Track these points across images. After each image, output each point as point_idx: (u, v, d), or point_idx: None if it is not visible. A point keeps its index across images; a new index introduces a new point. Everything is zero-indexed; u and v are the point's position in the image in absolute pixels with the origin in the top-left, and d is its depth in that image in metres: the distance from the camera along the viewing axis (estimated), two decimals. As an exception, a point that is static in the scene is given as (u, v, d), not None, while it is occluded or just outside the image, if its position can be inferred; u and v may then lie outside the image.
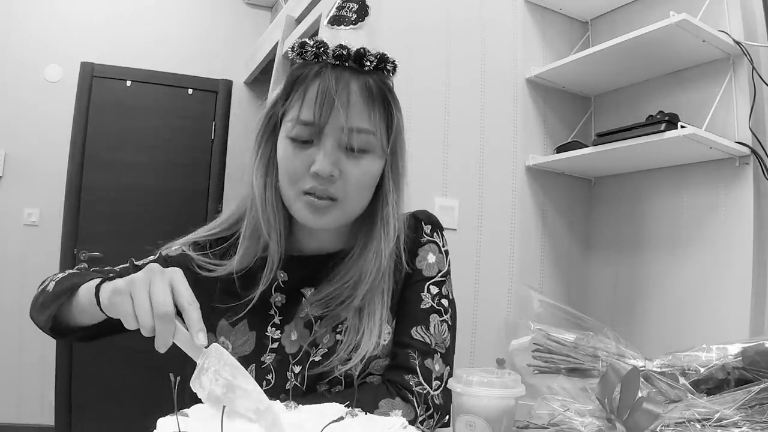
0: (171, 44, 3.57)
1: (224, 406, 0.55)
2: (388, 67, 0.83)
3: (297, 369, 0.83)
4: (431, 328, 0.87)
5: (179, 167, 3.49)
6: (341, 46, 0.79)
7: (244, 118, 3.64)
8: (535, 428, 0.75)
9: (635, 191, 2.26)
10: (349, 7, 0.83)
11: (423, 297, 0.88)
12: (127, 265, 0.90)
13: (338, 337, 0.84)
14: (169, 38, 3.58)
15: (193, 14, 3.67)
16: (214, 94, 3.60)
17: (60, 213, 3.25)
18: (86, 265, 0.92)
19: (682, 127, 1.77)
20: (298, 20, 2.68)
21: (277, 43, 2.83)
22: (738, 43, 1.88)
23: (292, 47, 0.83)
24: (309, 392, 0.83)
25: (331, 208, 0.81)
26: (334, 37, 0.81)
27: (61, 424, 3.10)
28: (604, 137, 2.01)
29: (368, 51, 0.81)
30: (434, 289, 0.90)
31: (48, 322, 0.79)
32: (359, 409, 0.61)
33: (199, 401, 0.59)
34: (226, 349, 0.81)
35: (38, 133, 3.29)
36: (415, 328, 0.86)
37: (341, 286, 0.84)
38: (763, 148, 1.85)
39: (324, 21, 0.85)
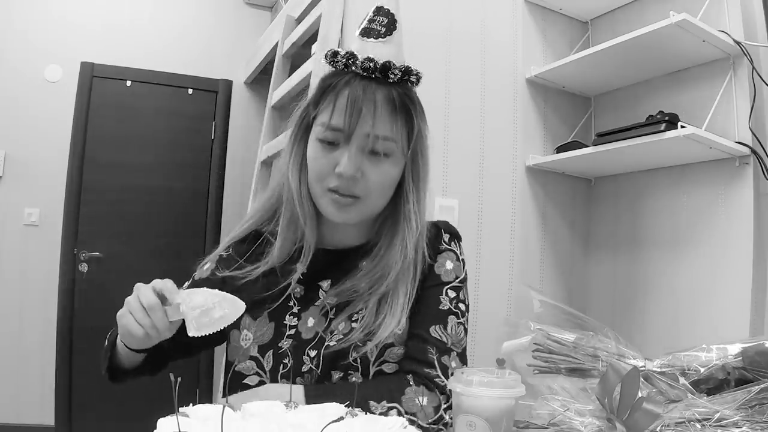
0: (171, 44, 3.57)
1: (224, 406, 0.55)
2: (411, 79, 0.92)
3: (313, 353, 0.88)
4: (448, 329, 0.91)
5: (179, 167, 3.49)
6: (369, 59, 0.87)
7: (244, 118, 3.64)
8: (535, 428, 0.75)
9: (635, 191, 2.26)
10: (379, 20, 0.90)
11: (441, 299, 0.93)
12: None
13: (354, 325, 0.88)
14: (169, 38, 3.58)
15: (193, 14, 3.67)
16: (214, 94, 3.60)
17: (60, 213, 3.25)
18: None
19: (682, 127, 1.77)
20: (298, 20, 2.68)
21: (277, 43, 2.83)
22: (738, 43, 1.88)
23: (326, 55, 0.92)
24: (324, 376, 0.87)
25: (354, 205, 0.89)
26: (363, 47, 0.89)
27: (61, 424, 3.10)
28: (604, 137, 2.01)
29: (394, 64, 0.88)
30: (452, 293, 0.94)
31: (104, 373, 0.95)
32: (359, 409, 0.61)
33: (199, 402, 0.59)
34: (247, 341, 0.92)
35: (38, 133, 3.29)
36: (433, 326, 0.90)
37: (365, 279, 0.91)
38: (763, 148, 1.85)
39: (356, 32, 0.92)
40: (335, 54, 0.90)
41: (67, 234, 3.24)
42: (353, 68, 0.88)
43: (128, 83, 3.41)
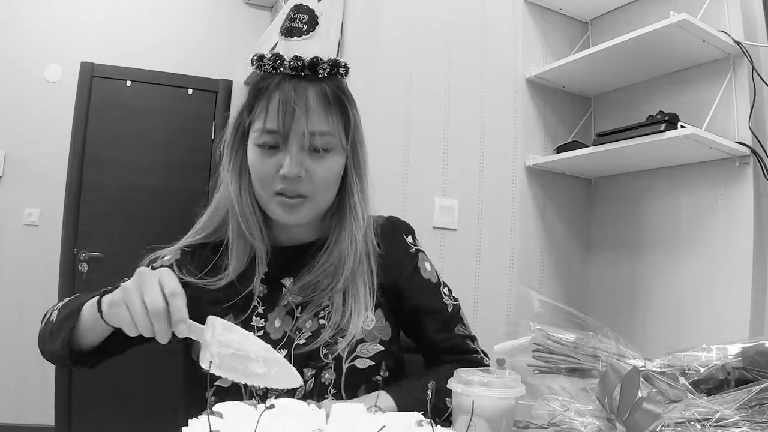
0: (171, 44, 3.57)
1: (256, 405, 0.54)
2: (341, 71, 0.91)
3: (283, 353, 0.87)
4: (465, 322, 1.02)
5: (179, 167, 3.49)
6: (296, 58, 0.87)
7: (244, 118, 3.64)
8: (535, 428, 0.75)
9: (635, 191, 2.26)
10: (300, 18, 0.90)
11: (446, 302, 1.01)
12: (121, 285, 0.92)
13: (321, 322, 0.90)
14: (169, 38, 3.58)
15: (193, 14, 3.67)
16: (214, 94, 3.60)
17: (60, 213, 3.25)
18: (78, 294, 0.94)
19: (682, 127, 1.77)
20: (298, 20, 2.68)
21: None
22: (738, 43, 1.88)
23: (252, 60, 0.91)
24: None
25: (302, 205, 0.89)
26: (288, 47, 0.89)
27: (61, 424, 3.10)
28: (604, 137, 2.01)
29: (321, 59, 0.88)
30: (446, 290, 1.02)
31: (64, 348, 0.81)
32: (378, 409, 0.60)
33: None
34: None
35: (38, 133, 3.29)
36: (457, 326, 1.00)
37: (321, 273, 0.92)
38: (763, 148, 1.85)
39: (277, 31, 0.91)
40: (261, 58, 0.90)
41: (67, 234, 3.24)
42: (281, 69, 0.88)
43: (128, 83, 3.41)
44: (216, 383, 0.85)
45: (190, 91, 3.54)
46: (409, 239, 1.03)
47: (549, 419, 0.73)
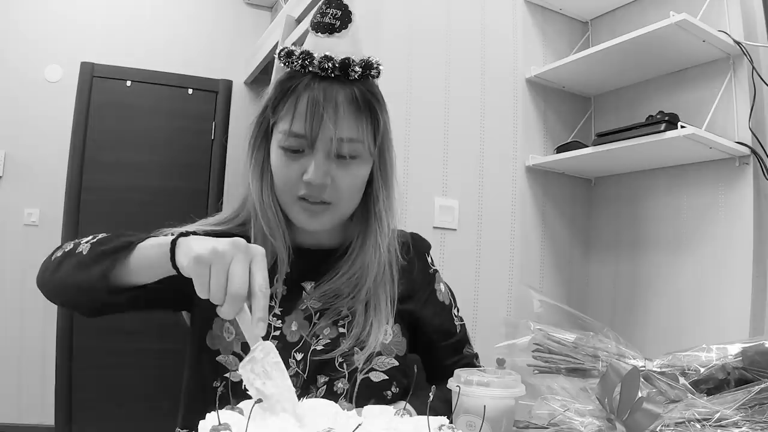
0: (171, 44, 3.57)
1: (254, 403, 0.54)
2: (372, 73, 0.87)
3: (299, 356, 0.86)
4: (470, 341, 1.05)
5: (179, 167, 3.49)
6: (326, 57, 0.82)
7: (244, 118, 3.62)
8: (535, 428, 0.75)
9: (635, 191, 2.26)
10: (332, 13, 0.85)
11: (456, 323, 1.03)
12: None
13: (341, 330, 0.88)
14: (169, 38, 3.58)
15: (193, 14, 3.67)
16: (214, 94, 3.59)
17: (60, 213, 3.25)
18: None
19: (682, 127, 1.77)
20: (298, 20, 2.68)
21: (277, 43, 2.83)
22: (738, 43, 1.88)
23: (279, 53, 0.86)
24: (310, 381, 0.85)
25: (325, 211, 0.87)
26: (317, 44, 0.85)
27: (61, 424, 3.10)
28: (604, 137, 2.01)
29: (353, 60, 0.84)
30: (456, 311, 1.05)
31: (102, 279, 0.75)
32: (407, 413, 0.60)
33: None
34: (230, 335, 0.86)
35: (38, 133, 3.29)
36: (465, 347, 1.03)
37: (343, 281, 0.90)
38: (763, 148, 1.85)
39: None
40: (290, 54, 0.85)
41: (67, 234, 3.23)
42: (310, 68, 0.83)
43: (128, 83, 3.41)
44: (225, 375, 0.84)
45: (190, 91, 3.53)
46: (429, 259, 1.04)
47: (549, 419, 0.73)
